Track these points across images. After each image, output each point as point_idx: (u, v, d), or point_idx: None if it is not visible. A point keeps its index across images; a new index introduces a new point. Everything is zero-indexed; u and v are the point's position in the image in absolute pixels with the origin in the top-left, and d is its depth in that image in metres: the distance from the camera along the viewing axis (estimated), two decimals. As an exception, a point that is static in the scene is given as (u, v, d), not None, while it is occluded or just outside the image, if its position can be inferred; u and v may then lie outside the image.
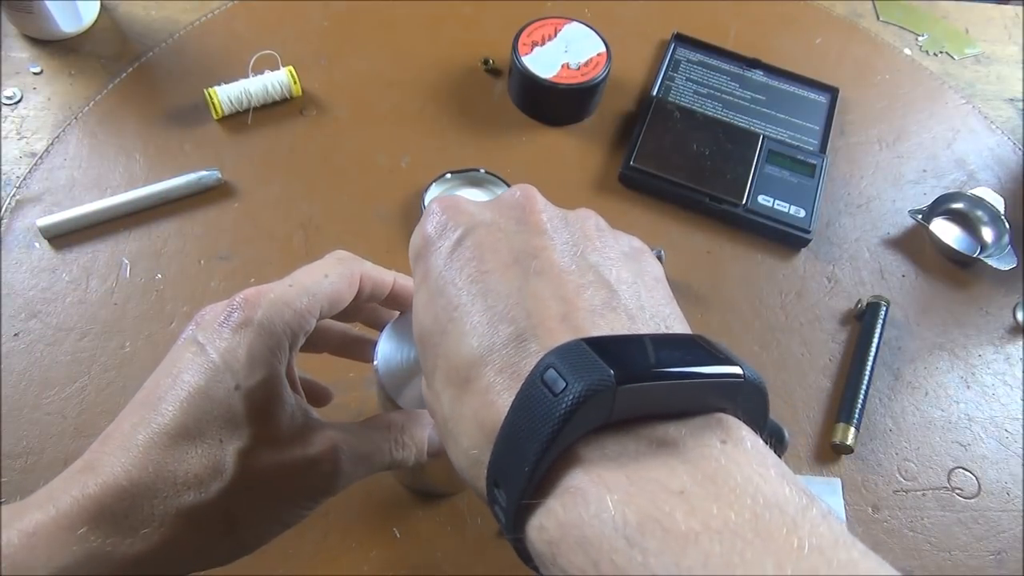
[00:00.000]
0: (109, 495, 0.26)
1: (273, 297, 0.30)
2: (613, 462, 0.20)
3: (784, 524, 0.18)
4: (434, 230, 0.26)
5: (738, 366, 0.21)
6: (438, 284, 0.24)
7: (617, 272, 0.25)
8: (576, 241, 0.25)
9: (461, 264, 0.24)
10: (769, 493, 0.18)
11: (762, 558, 0.17)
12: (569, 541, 0.19)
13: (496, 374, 0.22)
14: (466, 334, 0.23)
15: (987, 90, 0.73)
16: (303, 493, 0.29)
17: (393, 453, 0.32)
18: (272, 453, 0.28)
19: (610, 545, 0.18)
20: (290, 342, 0.30)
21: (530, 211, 0.26)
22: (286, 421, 0.29)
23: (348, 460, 0.30)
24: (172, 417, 0.27)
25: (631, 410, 0.20)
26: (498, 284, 0.23)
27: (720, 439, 0.20)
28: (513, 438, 0.20)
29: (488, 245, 0.24)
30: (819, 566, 0.17)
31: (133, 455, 0.27)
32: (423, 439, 0.33)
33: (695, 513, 0.18)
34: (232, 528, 0.28)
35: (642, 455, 0.20)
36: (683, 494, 0.18)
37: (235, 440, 0.28)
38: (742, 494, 0.18)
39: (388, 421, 0.32)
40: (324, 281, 0.31)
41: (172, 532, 0.26)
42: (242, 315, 0.29)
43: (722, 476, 0.19)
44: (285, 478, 0.29)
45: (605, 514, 0.18)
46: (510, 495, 0.20)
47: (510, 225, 0.25)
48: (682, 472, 0.19)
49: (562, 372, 0.20)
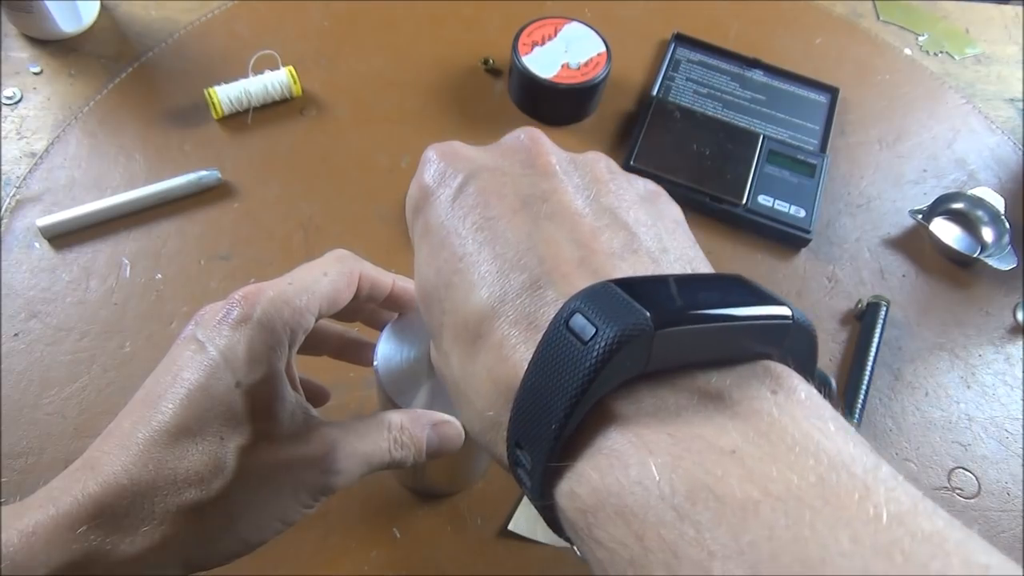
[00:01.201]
0: (109, 494, 0.26)
1: (272, 295, 0.30)
2: (652, 418, 0.18)
3: (855, 488, 0.15)
4: (432, 179, 0.24)
5: (785, 306, 0.19)
6: (440, 235, 0.23)
7: (635, 214, 0.23)
8: (587, 184, 0.23)
9: (464, 212, 0.22)
10: (832, 451, 0.16)
11: (835, 530, 0.14)
12: (607, 510, 0.17)
13: (510, 326, 0.20)
14: (474, 285, 0.21)
15: (987, 90, 0.73)
16: (303, 491, 0.29)
17: (392, 453, 0.32)
18: (273, 450, 0.28)
19: (656, 517, 0.16)
20: (289, 340, 0.30)
21: (537, 153, 0.24)
22: (286, 419, 0.29)
23: (347, 459, 0.30)
24: (172, 415, 0.27)
25: (668, 359, 0.18)
26: (506, 230, 0.22)
27: (770, 389, 0.18)
28: (536, 393, 0.18)
29: (493, 190, 0.23)
30: (901, 539, 0.14)
31: (133, 453, 0.27)
32: (422, 439, 0.33)
33: (752, 477, 0.16)
34: (233, 526, 0.28)
35: (684, 410, 0.18)
36: (735, 454, 0.16)
37: (236, 437, 0.28)
38: (802, 453, 0.16)
39: (387, 421, 0.32)
40: (323, 279, 0.31)
41: (173, 530, 0.26)
42: (241, 312, 0.29)
43: (777, 432, 0.17)
44: (285, 476, 0.29)
45: (648, 480, 0.16)
46: (535, 457, 0.19)
47: (515, 168, 0.24)
48: (731, 429, 0.17)
49: (591, 317, 0.17)
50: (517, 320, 0.20)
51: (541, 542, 0.44)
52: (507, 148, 0.25)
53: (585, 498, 0.17)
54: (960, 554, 0.14)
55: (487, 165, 0.24)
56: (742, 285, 0.20)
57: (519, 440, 0.19)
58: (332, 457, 0.29)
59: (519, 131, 0.25)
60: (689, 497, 0.16)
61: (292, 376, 0.31)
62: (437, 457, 0.34)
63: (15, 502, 0.27)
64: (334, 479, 0.30)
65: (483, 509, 0.46)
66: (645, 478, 0.16)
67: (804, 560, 0.14)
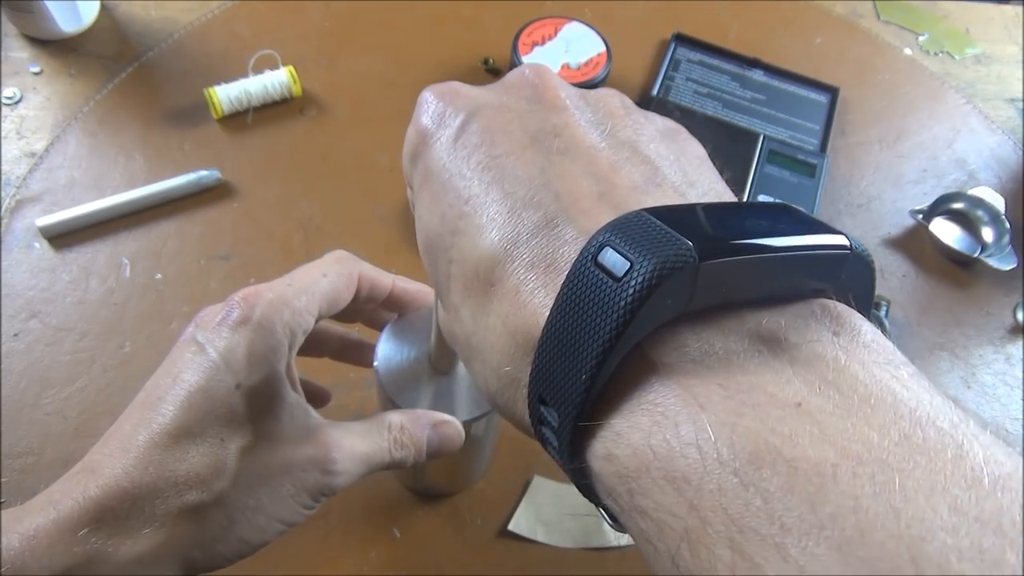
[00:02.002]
0: (110, 496, 0.26)
1: (272, 296, 0.30)
2: (699, 366, 0.15)
3: (946, 447, 0.13)
4: (431, 120, 0.22)
5: (841, 234, 0.17)
6: (442, 178, 0.21)
7: (656, 148, 0.21)
8: (601, 119, 0.21)
9: (468, 151, 0.20)
10: (912, 403, 0.14)
11: (931, 499, 0.12)
12: (652, 475, 0.15)
13: (526, 270, 0.18)
14: (483, 228, 0.19)
15: (987, 90, 0.73)
16: (304, 492, 0.29)
17: (393, 453, 0.32)
18: (273, 452, 0.28)
19: (716, 484, 0.13)
20: (289, 341, 0.30)
21: (544, 88, 0.22)
22: (287, 420, 0.29)
23: (348, 460, 0.30)
24: (173, 417, 0.27)
25: (713, 296, 0.16)
26: (515, 167, 0.20)
27: (831, 331, 0.16)
28: (562, 340, 0.16)
29: (498, 127, 0.21)
30: (1010, 507, 0.12)
31: (134, 456, 0.27)
32: (423, 439, 0.33)
33: (825, 436, 0.13)
34: (233, 527, 0.28)
35: (735, 355, 0.15)
36: (802, 408, 0.14)
37: (236, 439, 0.28)
38: (879, 405, 0.14)
39: (388, 421, 0.32)
40: (322, 280, 0.31)
41: (174, 532, 0.27)
42: (240, 313, 0.29)
43: (847, 381, 0.14)
44: (286, 477, 0.29)
45: (703, 441, 0.14)
46: (563, 413, 0.16)
47: (521, 105, 0.22)
48: (793, 377, 0.15)
49: (623, 250, 0.15)
50: (533, 262, 0.18)
51: (541, 542, 0.44)
52: (511, 85, 0.23)
53: (625, 461, 0.15)
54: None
55: (490, 103, 0.22)
56: (790, 212, 0.17)
57: (543, 395, 0.17)
58: (332, 458, 0.29)
59: (523, 66, 0.23)
60: (753, 461, 0.13)
61: (292, 377, 0.31)
62: (437, 457, 0.34)
63: (15, 504, 0.27)
64: (334, 480, 0.30)
65: (483, 509, 0.46)
66: (700, 437, 0.14)
67: (899, 536, 0.12)
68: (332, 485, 0.30)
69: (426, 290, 0.36)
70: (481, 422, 0.36)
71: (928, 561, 0.11)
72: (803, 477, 0.13)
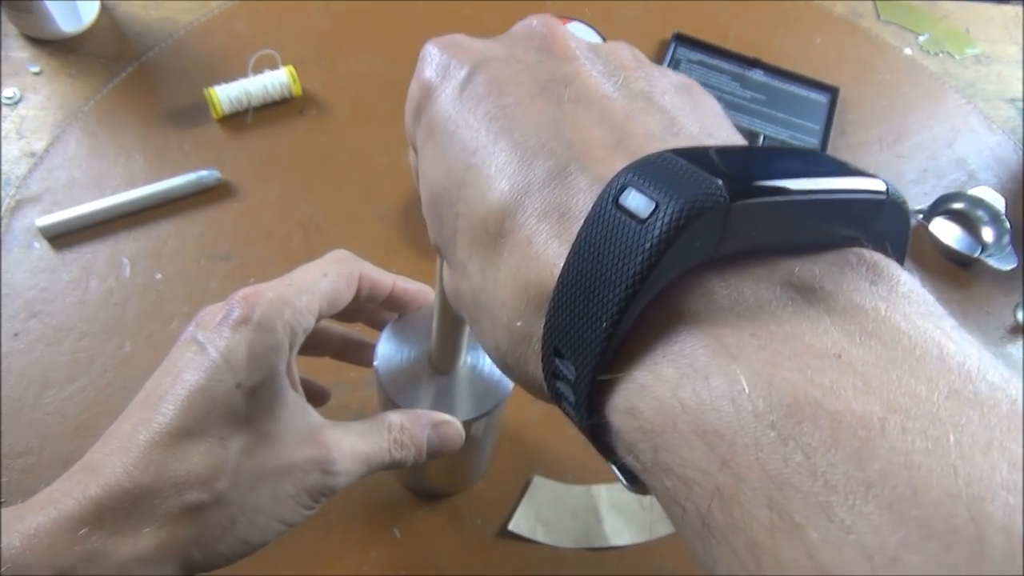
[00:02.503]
0: (111, 496, 0.26)
1: (272, 296, 0.30)
2: (729, 314, 0.14)
3: (999, 401, 0.12)
4: (435, 73, 0.21)
5: (877, 178, 0.16)
6: (448, 131, 0.20)
7: (671, 99, 0.20)
8: (613, 71, 0.20)
9: (474, 102, 0.19)
10: (959, 356, 0.13)
11: (989, 454, 0.11)
12: (679, 430, 0.14)
13: (538, 220, 0.17)
14: (491, 179, 0.18)
15: (987, 90, 0.73)
16: (304, 492, 0.29)
17: (392, 453, 0.32)
18: (273, 452, 0.28)
19: (751, 439, 0.12)
20: (290, 340, 0.30)
21: (553, 38, 0.21)
22: (287, 420, 0.29)
23: (348, 460, 0.30)
24: (173, 416, 0.27)
25: (742, 240, 0.15)
26: (524, 116, 0.19)
27: (868, 280, 0.15)
28: (580, 287, 0.15)
29: (507, 78, 0.20)
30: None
31: (134, 455, 0.27)
32: (422, 439, 0.33)
33: (869, 387, 0.12)
34: (233, 527, 0.28)
35: (767, 303, 0.14)
36: (842, 359, 0.13)
37: (237, 439, 0.28)
38: (925, 357, 0.13)
39: (388, 421, 0.32)
40: (323, 280, 0.31)
41: (174, 531, 0.27)
42: (241, 313, 0.29)
43: (889, 332, 0.14)
44: (286, 477, 0.29)
45: (737, 393, 0.13)
46: (580, 365, 0.15)
47: (530, 55, 0.21)
48: (831, 327, 0.14)
49: (647, 190, 0.14)
50: (546, 212, 0.17)
51: (541, 542, 0.44)
52: (518, 36, 0.22)
53: (649, 415, 0.14)
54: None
55: (497, 54, 0.21)
56: (821, 156, 0.17)
57: (558, 346, 0.16)
58: (333, 459, 0.29)
59: (530, 17, 0.22)
60: (792, 414, 0.12)
61: (292, 377, 0.31)
62: (437, 457, 0.34)
63: (16, 503, 0.27)
64: (335, 480, 0.30)
65: (483, 509, 0.46)
66: (732, 390, 0.13)
67: (957, 495, 0.11)
68: (332, 486, 0.30)
69: (426, 290, 0.36)
70: (481, 422, 0.36)
71: (990, 523, 0.10)
72: (848, 431, 0.12)
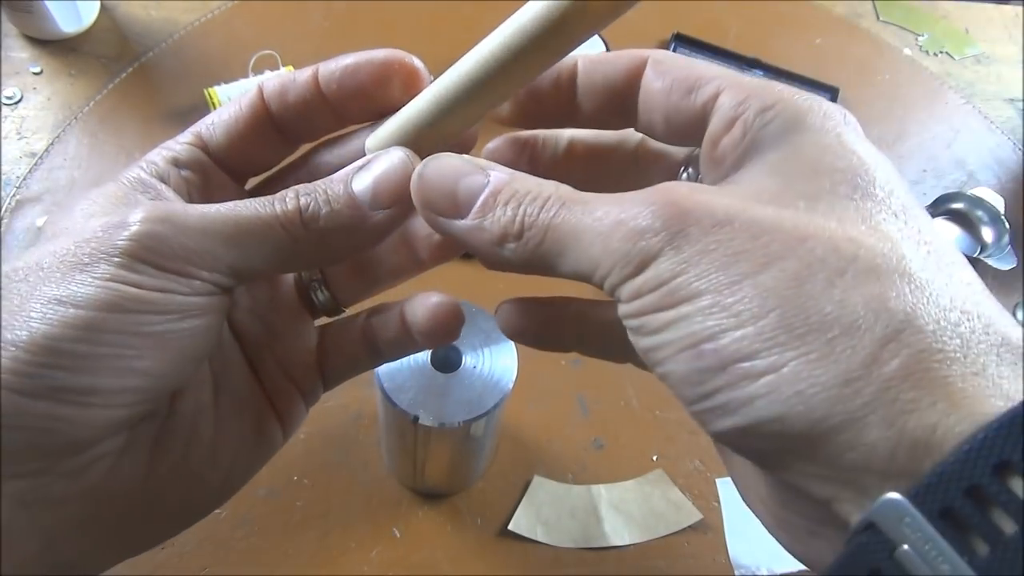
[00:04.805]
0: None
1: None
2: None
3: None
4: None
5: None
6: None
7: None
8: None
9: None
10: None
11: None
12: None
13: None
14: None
15: (987, 90, 0.73)
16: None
17: (278, 206, 0.23)
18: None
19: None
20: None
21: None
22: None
23: (159, 213, 0.22)
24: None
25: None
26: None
27: None
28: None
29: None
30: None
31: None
32: (338, 187, 0.23)
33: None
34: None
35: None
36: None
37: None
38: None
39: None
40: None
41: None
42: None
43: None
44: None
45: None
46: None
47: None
48: None
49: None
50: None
51: (541, 542, 0.44)
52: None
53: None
54: None
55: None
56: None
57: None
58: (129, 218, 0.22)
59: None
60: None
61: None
62: (386, 204, 0.23)
63: None
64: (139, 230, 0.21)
65: (483, 509, 0.46)
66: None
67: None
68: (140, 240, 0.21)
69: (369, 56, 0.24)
70: (481, 422, 0.36)
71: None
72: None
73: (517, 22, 0.20)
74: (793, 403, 0.16)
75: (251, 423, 0.27)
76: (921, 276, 0.17)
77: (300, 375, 0.28)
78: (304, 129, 0.26)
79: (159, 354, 0.21)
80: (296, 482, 0.45)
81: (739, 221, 0.18)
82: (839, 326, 0.16)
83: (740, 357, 0.17)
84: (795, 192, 0.19)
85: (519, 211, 0.20)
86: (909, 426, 0.16)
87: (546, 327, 0.26)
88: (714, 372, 0.17)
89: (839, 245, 0.17)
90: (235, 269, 0.22)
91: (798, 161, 0.19)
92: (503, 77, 0.21)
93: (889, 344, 0.16)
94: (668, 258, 0.18)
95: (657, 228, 0.18)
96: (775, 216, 0.18)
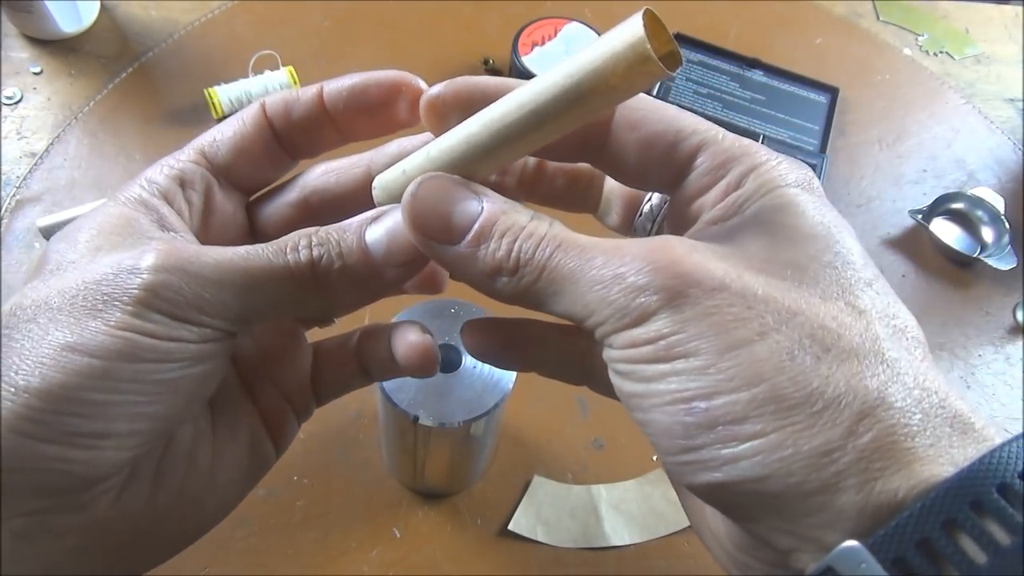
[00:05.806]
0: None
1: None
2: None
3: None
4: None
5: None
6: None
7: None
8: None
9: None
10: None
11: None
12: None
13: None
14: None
15: (987, 90, 0.73)
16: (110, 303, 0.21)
17: (283, 257, 0.22)
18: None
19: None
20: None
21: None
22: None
23: (175, 255, 0.22)
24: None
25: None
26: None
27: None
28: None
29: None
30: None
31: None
32: (352, 238, 0.23)
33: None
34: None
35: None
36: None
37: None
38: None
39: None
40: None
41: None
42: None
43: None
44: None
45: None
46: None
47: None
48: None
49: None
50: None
51: (541, 542, 0.44)
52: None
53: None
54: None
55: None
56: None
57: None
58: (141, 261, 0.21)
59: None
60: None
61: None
62: (397, 262, 0.23)
63: None
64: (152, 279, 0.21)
65: (483, 509, 0.46)
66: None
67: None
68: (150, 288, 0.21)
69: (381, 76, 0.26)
70: (481, 422, 0.36)
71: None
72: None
73: (559, 78, 0.20)
74: (776, 467, 0.18)
75: (246, 445, 0.27)
76: (891, 356, 0.19)
77: (295, 395, 0.28)
78: (307, 145, 0.26)
79: (169, 399, 0.21)
80: (296, 482, 0.45)
81: (735, 287, 0.19)
82: (823, 401, 0.18)
83: (730, 419, 0.18)
84: (782, 261, 0.20)
85: (515, 247, 0.21)
86: (875, 491, 0.18)
87: (506, 349, 0.27)
88: (702, 429, 0.19)
89: (825, 323, 0.19)
90: (243, 316, 0.23)
91: (781, 227, 0.21)
92: (536, 134, 0.20)
93: (864, 419, 0.18)
94: (667, 316, 0.19)
95: (657, 286, 0.19)
96: (767, 287, 0.20)
